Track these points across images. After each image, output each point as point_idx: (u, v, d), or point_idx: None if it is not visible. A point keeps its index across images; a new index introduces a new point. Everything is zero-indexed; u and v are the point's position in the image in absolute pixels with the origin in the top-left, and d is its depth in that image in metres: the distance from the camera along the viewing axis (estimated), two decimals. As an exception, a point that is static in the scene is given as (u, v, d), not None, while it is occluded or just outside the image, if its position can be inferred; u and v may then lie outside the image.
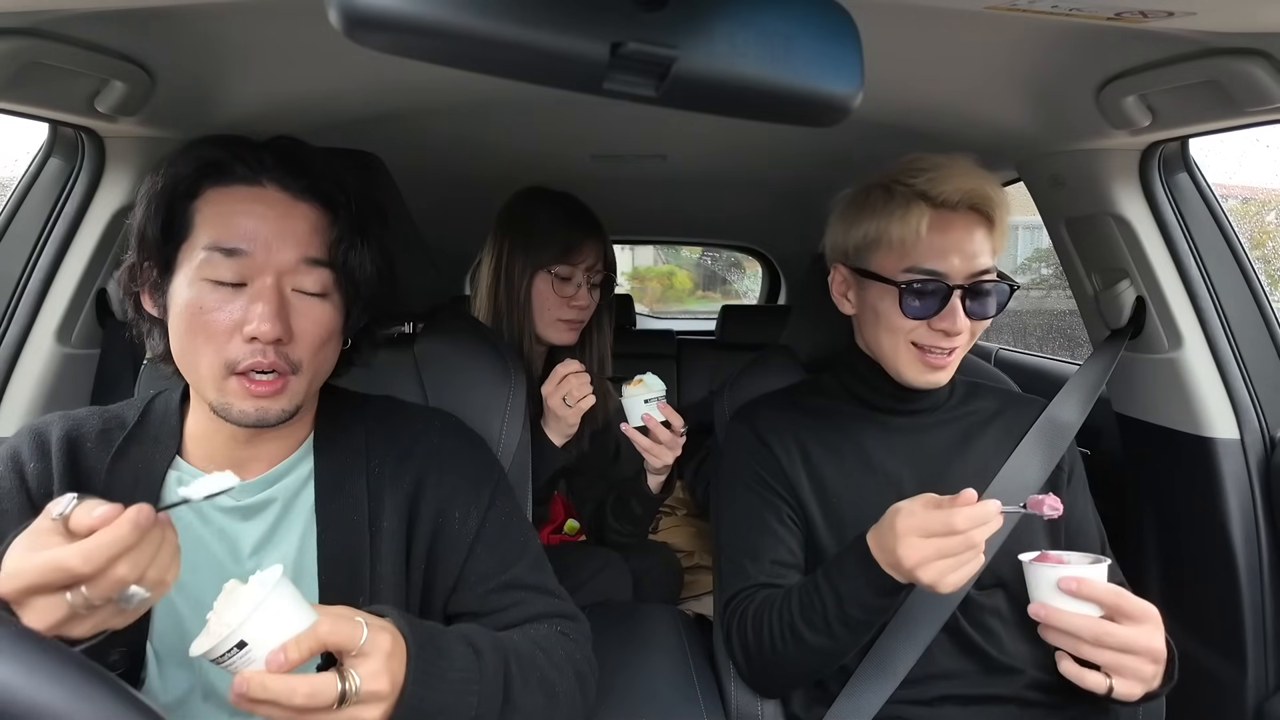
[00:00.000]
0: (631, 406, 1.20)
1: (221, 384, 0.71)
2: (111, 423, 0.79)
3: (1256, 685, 1.07)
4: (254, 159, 0.72)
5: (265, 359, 0.70)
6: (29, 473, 0.74)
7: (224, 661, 0.57)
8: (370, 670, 0.58)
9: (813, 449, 1.03)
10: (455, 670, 0.65)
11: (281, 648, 0.55)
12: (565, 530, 1.54)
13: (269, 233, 0.71)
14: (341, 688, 0.56)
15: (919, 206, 0.91)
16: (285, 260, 0.71)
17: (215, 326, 0.70)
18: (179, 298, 0.71)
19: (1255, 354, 1.13)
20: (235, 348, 0.70)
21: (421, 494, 0.81)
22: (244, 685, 0.54)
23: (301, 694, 0.55)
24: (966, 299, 0.91)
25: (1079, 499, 1.05)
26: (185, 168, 0.72)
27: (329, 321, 0.75)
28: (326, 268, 0.74)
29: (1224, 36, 0.74)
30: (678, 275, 9.75)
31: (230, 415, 0.71)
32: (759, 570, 0.99)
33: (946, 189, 0.90)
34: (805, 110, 0.43)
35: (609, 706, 0.92)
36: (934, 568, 0.75)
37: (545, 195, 1.37)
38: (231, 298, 0.70)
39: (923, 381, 0.96)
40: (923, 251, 0.91)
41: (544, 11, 0.36)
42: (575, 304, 1.31)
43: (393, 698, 0.60)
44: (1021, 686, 0.95)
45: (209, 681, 0.76)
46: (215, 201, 0.72)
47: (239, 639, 0.56)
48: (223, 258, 0.70)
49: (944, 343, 0.93)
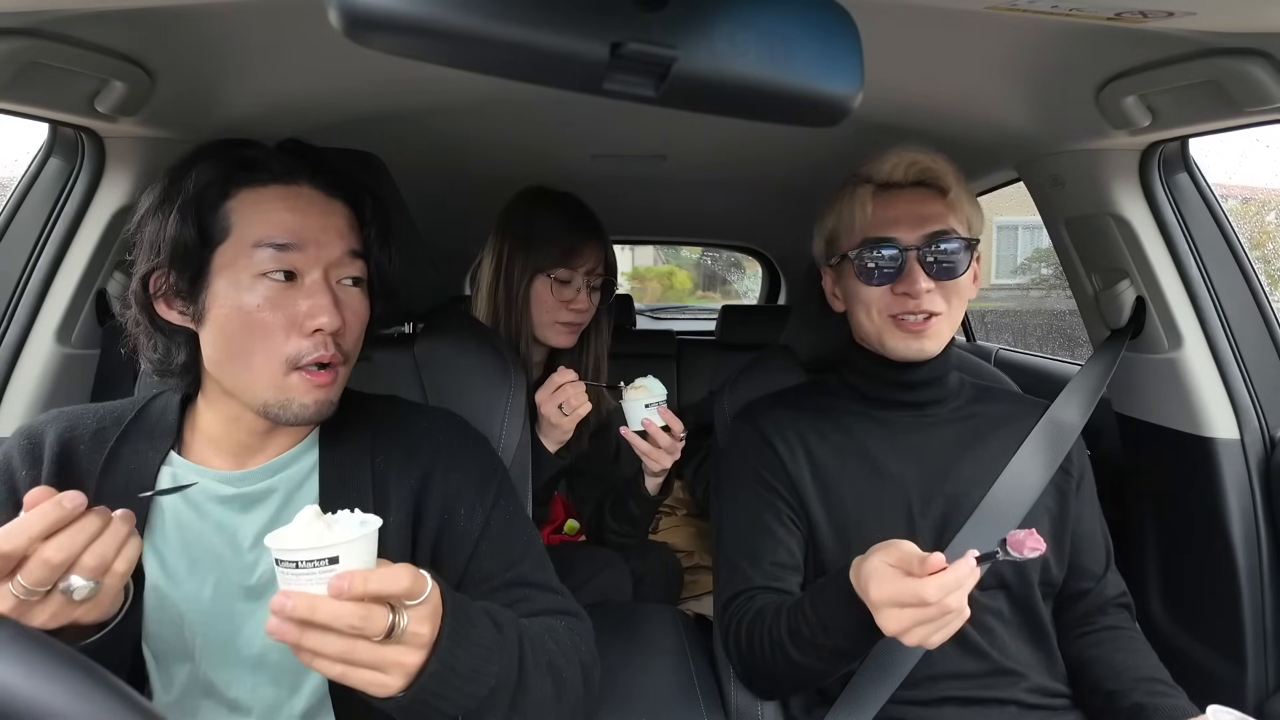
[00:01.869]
0: (632, 411, 1.19)
1: (282, 381, 0.72)
2: (107, 420, 0.79)
3: (1256, 685, 1.07)
4: (285, 158, 0.74)
5: (328, 351, 0.72)
6: (21, 481, 0.74)
7: (299, 569, 0.56)
8: (419, 614, 0.60)
9: (817, 448, 1.03)
10: (480, 637, 0.65)
11: (364, 575, 0.56)
12: (565, 530, 1.54)
13: (316, 228, 0.73)
14: (392, 620, 0.57)
15: (864, 188, 0.99)
16: (333, 253, 0.74)
17: (272, 324, 0.71)
18: (225, 300, 0.71)
19: (1255, 354, 1.13)
20: (296, 343, 0.71)
21: (427, 491, 0.81)
22: (295, 606, 0.54)
23: (357, 616, 0.55)
24: (927, 262, 0.95)
25: (1087, 507, 1.04)
26: (211, 172, 0.72)
27: (365, 311, 0.79)
28: (363, 259, 0.77)
29: (1224, 36, 0.74)
30: (677, 275, 9.76)
31: (289, 412, 0.73)
32: (757, 572, 0.99)
33: (885, 166, 0.97)
34: (805, 110, 0.43)
35: (609, 706, 0.92)
36: (915, 634, 0.75)
37: (546, 197, 1.36)
38: (285, 293, 0.72)
39: (910, 351, 0.98)
40: (872, 224, 0.97)
41: (544, 12, 0.36)
42: (574, 307, 1.30)
43: (429, 648, 0.60)
44: (1022, 690, 0.95)
45: (208, 679, 0.76)
46: (252, 201, 0.72)
47: (335, 554, 0.57)
48: (276, 252, 0.71)
49: (912, 306, 0.95)
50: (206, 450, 0.79)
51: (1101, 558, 1.03)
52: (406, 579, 0.58)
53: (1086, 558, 1.02)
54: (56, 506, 0.56)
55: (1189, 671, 0.98)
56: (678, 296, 8.75)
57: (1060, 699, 0.97)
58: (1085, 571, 1.02)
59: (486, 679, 0.64)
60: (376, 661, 0.57)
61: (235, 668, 0.76)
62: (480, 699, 0.64)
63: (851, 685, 0.94)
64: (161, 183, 0.73)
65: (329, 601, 0.55)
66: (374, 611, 0.56)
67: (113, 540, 0.58)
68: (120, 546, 0.59)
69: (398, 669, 0.59)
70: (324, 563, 0.56)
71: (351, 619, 0.55)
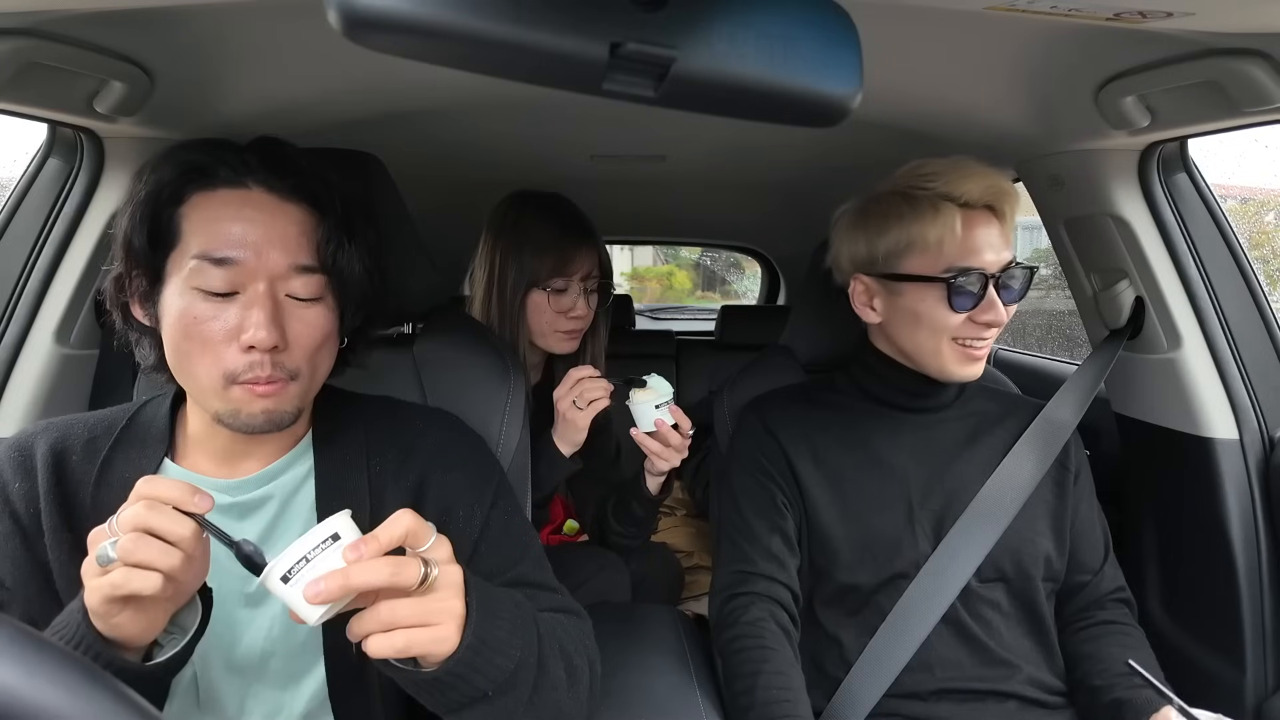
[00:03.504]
0: (641, 412, 1.18)
1: (224, 393, 0.70)
2: (98, 429, 0.78)
3: (1255, 685, 1.07)
4: (238, 161, 0.71)
5: (264, 372, 0.69)
6: (13, 493, 0.72)
7: (309, 563, 0.57)
8: (445, 555, 0.61)
9: (821, 439, 1.05)
10: (504, 611, 0.66)
11: (369, 535, 0.57)
12: (565, 530, 1.54)
13: (258, 237, 0.69)
14: (425, 570, 0.58)
15: (949, 208, 0.94)
16: (276, 266, 0.70)
17: (211, 336, 0.68)
18: (171, 307, 0.70)
19: (1254, 354, 1.13)
20: (233, 358, 0.68)
21: (425, 493, 0.81)
22: (328, 586, 0.55)
23: (388, 568, 0.56)
24: (1000, 289, 0.95)
25: (1084, 501, 1.05)
26: (168, 174, 0.70)
27: (323, 325, 0.74)
28: (318, 273, 0.73)
29: (1223, 37, 0.74)
30: (677, 275, 9.76)
31: (239, 422, 0.70)
32: (756, 552, 1.02)
33: (969, 187, 0.94)
34: (805, 111, 0.43)
35: (609, 706, 0.92)
36: None
37: (534, 203, 1.32)
38: (225, 306, 0.68)
39: (965, 374, 0.99)
40: (960, 249, 0.94)
41: (543, 12, 0.36)
42: (573, 315, 1.29)
43: (464, 592, 0.62)
44: (1019, 682, 0.96)
45: (208, 686, 0.76)
46: (201, 207, 0.70)
47: (333, 531, 0.58)
48: (213, 267, 0.68)
49: (986, 334, 0.97)
50: (199, 456, 0.78)
51: (1099, 551, 1.05)
52: (407, 517, 0.59)
53: (1084, 551, 1.03)
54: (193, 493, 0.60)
55: (1188, 672, 0.98)
56: (677, 297, 8.74)
57: (1058, 696, 0.98)
58: (1082, 565, 1.03)
59: (513, 653, 0.64)
60: (424, 614, 0.58)
61: (236, 675, 0.76)
62: (508, 673, 0.64)
63: (847, 680, 0.96)
64: (133, 183, 0.72)
65: (358, 566, 0.56)
66: (401, 561, 0.57)
67: (155, 547, 0.59)
68: (155, 551, 0.59)
69: (447, 615, 0.59)
70: (329, 542, 0.57)
71: (384, 571, 0.56)
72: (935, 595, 0.95)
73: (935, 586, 0.96)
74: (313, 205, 0.73)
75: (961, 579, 0.96)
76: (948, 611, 0.95)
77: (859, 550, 0.99)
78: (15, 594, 0.71)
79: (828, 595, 1.02)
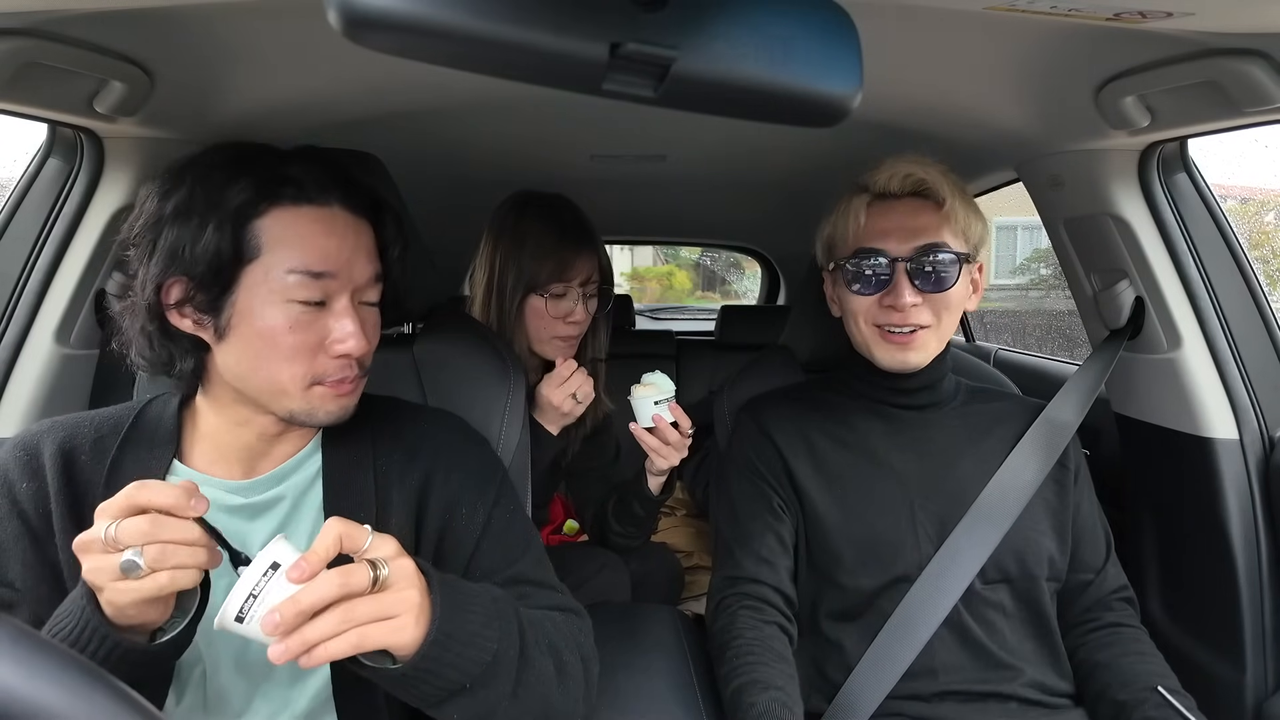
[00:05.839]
0: (641, 408, 1.19)
1: (304, 394, 0.74)
2: (104, 428, 0.77)
3: (1255, 685, 1.07)
4: (322, 176, 0.74)
5: (350, 373, 0.75)
6: (21, 494, 0.72)
7: (257, 599, 0.58)
8: (391, 550, 0.62)
9: (819, 440, 1.05)
10: (476, 604, 0.67)
11: (307, 554, 0.59)
12: (565, 530, 1.54)
13: (348, 253, 0.74)
14: (374, 572, 0.59)
15: (860, 197, 1.00)
16: (361, 277, 0.75)
17: (303, 344, 0.72)
18: (254, 319, 0.70)
19: (1254, 354, 1.13)
20: (324, 362, 0.73)
21: (429, 491, 0.81)
22: (284, 614, 0.56)
23: (337, 581, 0.57)
24: (915, 276, 0.95)
25: (1085, 500, 1.05)
26: (249, 186, 0.70)
27: (380, 324, 0.81)
28: (382, 280, 0.79)
29: (1223, 37, 0.74)
30: (677, 275, 9.76)
31: (314, 419, 0.75)
32: (748, 557, 1.02)
33: (882, 177, 0.98)
34: (805, 111, 0.43)
35: (608, 707, 0.92)
36: None
37: (535, 205, 1.30)
38: (318, 315, 0.73)
39: (894, 363, 0.99)
40: (865, 235, 0.98)
41: (543, 12, 0.36)
42: (572, 320, 1.27)
43: (421, 580, 0.63)
44: (1021, 684, 0.96)
45: (216, 686, 0.76)
46: (286, 222, 0.71)
47: (272, 560, 0.59)
48: (313, 280, 0.71)
49: (898, 319, 0.96)
50: (210, 457, 0.78)
51: (1101, 550, 1.04)
52: (337, 524, 0.60)
53: (1086, 550, 1.03)
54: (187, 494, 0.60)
55: (1188, 672, 0.98)
56: (677, 297, 8.75)
57: (1063, 698, 0.98)
58: (1085, 564, 1.03)
59: (487, 644, 0.65)
60: (380, 610, 0.59)
61: (244, 675, 0.77)
62: (485, 666, 0.64)
63: (847, 685, 0.95)
64: (183, 187, 0.70)
65: (306, 587, 0.57)
66: (348, 569, 0.59)
67: (185, 551, 0.61)
68: (182, 554, 0.61)
69: (405, 606, 0.60)
70: (270, 572, 0.59)
71: (333, 584, 0.57)
72: (937, 598, 0.95)
73: (937, 589, 0.95)
74: (375, 219, 0.79)
75: (964, 581, 0.95)
76: (950, 615, 0.95)
77: (861, 552, 0.99)
78: (25, 595, 0.71)
79: (832, 604, 1.01)
